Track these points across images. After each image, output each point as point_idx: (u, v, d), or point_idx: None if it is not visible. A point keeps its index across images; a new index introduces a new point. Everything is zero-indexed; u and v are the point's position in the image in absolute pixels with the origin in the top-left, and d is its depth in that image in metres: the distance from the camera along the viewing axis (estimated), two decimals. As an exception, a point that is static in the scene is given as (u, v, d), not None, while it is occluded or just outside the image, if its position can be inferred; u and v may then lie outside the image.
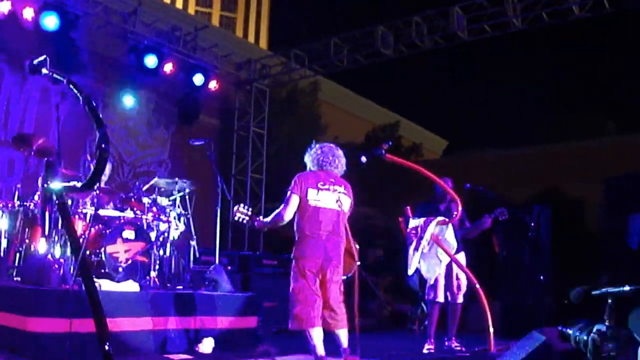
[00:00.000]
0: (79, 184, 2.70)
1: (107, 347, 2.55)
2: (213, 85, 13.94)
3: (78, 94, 2.59)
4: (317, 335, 5.51)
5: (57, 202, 2.61)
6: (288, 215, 5.65)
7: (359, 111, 33.26)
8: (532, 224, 9.26)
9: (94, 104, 2.55)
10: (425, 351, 7.42)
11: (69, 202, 7.16)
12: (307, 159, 5.98)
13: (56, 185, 2.64)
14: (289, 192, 5.66)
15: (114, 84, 13.00)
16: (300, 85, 20.49)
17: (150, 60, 12.40)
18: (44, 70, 2.79)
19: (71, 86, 2.63)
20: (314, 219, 5.63)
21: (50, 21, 10.67)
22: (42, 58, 2.82)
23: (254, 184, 15.81)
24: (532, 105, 68.05)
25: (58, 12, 10.77)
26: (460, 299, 7.56)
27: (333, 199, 5.73)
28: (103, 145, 2.43)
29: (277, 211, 5.74)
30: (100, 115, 2.56)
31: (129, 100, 13.05)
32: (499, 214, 7.76)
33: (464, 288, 7.54)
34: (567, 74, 76.96)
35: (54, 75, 2.77)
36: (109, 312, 5.98)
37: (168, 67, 12.87)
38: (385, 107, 34.81)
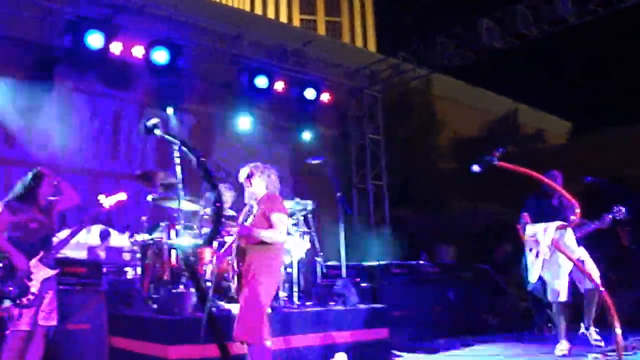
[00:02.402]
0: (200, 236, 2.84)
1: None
2: (326, 97, 14.17)
3: (192, 157, 2.73)
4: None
5: (183, 260, 2.77)
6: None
7: (474, 102, 32.46)
8: None
9: (208, 167, 2.67)
10: (558, 353, 7.22)
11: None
12: (265, 180, 5.49)
13: (182, 246, 2.80)
14: (282, 214, 5.30)
15: (228, 108, 13.46)
16: (412, 84, 20.33)
17: (261, 81, 12.78)
18: (157, 132, 2.96)
19: (184, 148, 2.77)
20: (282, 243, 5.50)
21: (160, 56, 11.24)
22: (155, 121, 2.98)
23: (376, 191, 15.84)
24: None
25: (166, 46, 11.33)
26: (596, 282, 6.71)
27: None
28: (218, 204, 2.56)
29: (277, 232, 5.22)
30: (213, 176, 2.69)
31: (244, 122, 13.45)
32: (617, 213, 7.61)
33: (594, 272, 7.11)
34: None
35: (166, 138, 2.92)
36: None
37: (279, 86, 13.22)
38: (501, 95, 33.85)
